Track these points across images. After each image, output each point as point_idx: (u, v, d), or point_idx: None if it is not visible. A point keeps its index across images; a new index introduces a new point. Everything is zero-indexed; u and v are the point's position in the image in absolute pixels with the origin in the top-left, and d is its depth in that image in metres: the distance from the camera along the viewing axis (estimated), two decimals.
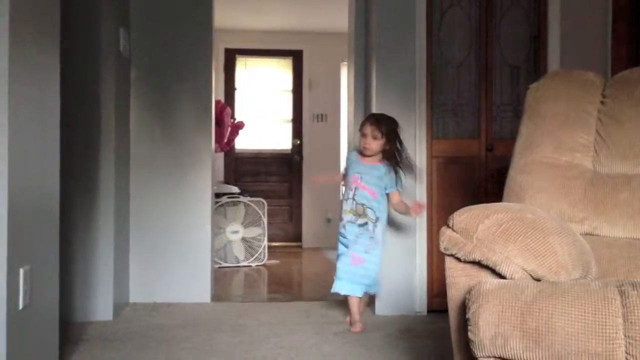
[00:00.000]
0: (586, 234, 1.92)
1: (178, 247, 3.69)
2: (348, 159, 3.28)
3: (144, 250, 3.65)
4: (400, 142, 3.15)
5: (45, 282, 2.16)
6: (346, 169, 3.25)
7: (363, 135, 3.11)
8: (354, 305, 3.10)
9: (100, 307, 3.21)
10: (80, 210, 3.19)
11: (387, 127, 3.10)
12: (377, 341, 2.87)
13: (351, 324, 3.11)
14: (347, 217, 3.15)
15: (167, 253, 3.67)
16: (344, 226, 3.17)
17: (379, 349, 2.73)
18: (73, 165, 3.15)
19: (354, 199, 3.12)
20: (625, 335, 1.23)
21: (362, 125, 3.16)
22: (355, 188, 3.12)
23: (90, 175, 3.20)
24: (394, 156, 3.13)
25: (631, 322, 1.23)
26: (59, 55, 2.27)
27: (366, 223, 3.10)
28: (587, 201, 1.96)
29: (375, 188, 3.12)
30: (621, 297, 1.27)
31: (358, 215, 3.11)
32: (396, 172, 3.13)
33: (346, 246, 3.15)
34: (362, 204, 3.12)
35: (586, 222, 1.95)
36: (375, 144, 3.10)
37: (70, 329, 2.98)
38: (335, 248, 3.30)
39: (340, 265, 3.14)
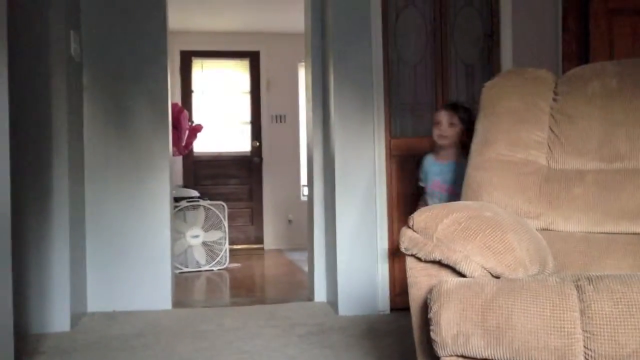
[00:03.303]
0: (542, 229, 1.95)
1: (137, 254, 3.62)
2: (423, 165, 2.96)
3: (102, 257, 3.57)
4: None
5: None
6: (424, 177, 2.98)
7: (436, 123, 2.81)
8: None
9: (56, 317, 3.13)
10: (33, 218, 3.10)
11: (464, 113, 2.78)
12: (342, 342, 2.87)
13: None
14: None
15: (125, 260, 3.60)
16: None
17: (344, 350, 2.73)
18: (25, 173, 3.06)
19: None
20: (583, 330, 1.25)
21: (436, 113, 2.90)
22: (439, 193, 2.81)
23: (44, 183, 3.12)
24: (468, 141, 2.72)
25: (588, 317, 1.25)
26: (7, 60, 2.19)
27: None
28: (542, 197, 2.00)
29: (455, 184, 2.75)
30: (578, 292, 1.30)
31: None
32: None
33: None
34: None
35: (542, 217, 1.98)
36: (451, 131, 2.77)
37: (25, 341, 2.88)
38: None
39: None
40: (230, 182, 6.98)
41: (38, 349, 2.81)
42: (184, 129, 5.55)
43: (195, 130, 5.89)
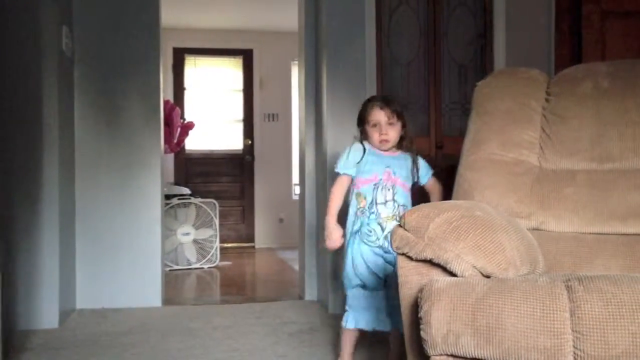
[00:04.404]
0: (533, 229, 1.95)
1: (127, 251, 3.60)
2: (355, 152, 2.36)
3: (91, 254, 3.55)
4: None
5: None
6: (350, 165, 2.36)
7: (374, 125, 2.30)
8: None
9: (45, 314, 3.11)
10: (23, 214, 3.08)
11: (398, 102, 2.36)
12: (332, 340, 2.86)
13: None
14: (389, 225, 2.27)
15: (115, 257, 3.58)
16: (386, 238, 2.27)
17: (334, 348, 2.72)
18: (14, 168, 3.04)
19: (394, 200, 2.32)
20: (572, 330, 1.25)
21: (367, 111, 2.34)
22: (393, 186, 2.32)
23: (33, 178, 3.09)
24: (409, 133, 2.39)
25: (578, 317, 1.25)
26: None
27: None
28: (533, 197, 2.00)
29: (409, 182, 2.38)
30: (568, 292, 1.29)
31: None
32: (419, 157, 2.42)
33: (392, 264, 2.28)
34: (404, 205, 2.33)
35: (533, 217, 1.98)
36: (394, 132, 2.31)
37: (13, 338, 2.86)
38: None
39: (389, 293, 2.30)
40: (221, 180, 6.96)
41: (26, 345, 2.79)
42: (175, 126, 5.53)
43: (187, 127, 5.88)
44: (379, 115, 2.30)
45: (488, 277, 1.47)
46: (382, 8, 3.60)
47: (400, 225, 1.61)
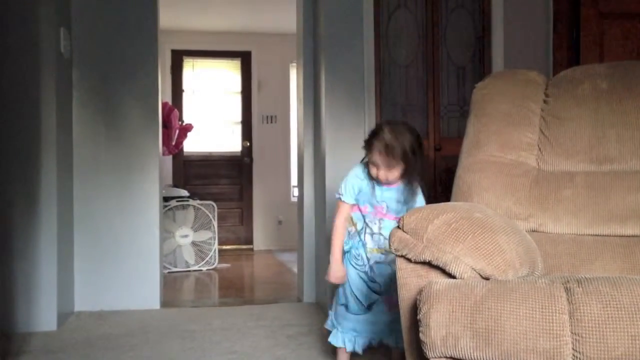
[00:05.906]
0: (532, 230, 1.95)
1: (125, 253, 3.59)
2: (356, 180, 2.40)
3: (89, 256, 3.54)
4: (421, 152, 2.33)
5: None
6: (353, 194, 2.40)
7: (374, 164, 2.30)
8: None
9: (43, 316, 3.10)
10: (21, 216, 3.07)
11: (402, 149, 2.25)
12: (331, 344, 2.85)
13: None
14: (374, 256, 2.37)
15: (113, 259, 3.57)
16: (371, 269, 2.37)
17: (333, 351, 2.71)
18: (12, 170, 3.03)
19: (380, 234, 2.37)
20: (572, 332, 1.25)
21: (372, 146, 2.29)
22: (381, 220, 2.38)
23: (31, 180, 3.09)
24: (415, 172, 2.34)
25: (577, 319, 1.25)
26: None
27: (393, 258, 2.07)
28: (532, 198, 2.00)
29: (399, 214, 2.32)
30: (567, 294, 1.29)
31: (386, 251, 2.34)
32: (420, 187, 2.38)
33: (379, 293, 2.37)
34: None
35: (532, 219, 1.98)
36: (392, 175, 2.30)
37: (11, 341, 2.85)
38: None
39: (374, 318, 2.39)
40: (220, 182, 6.95)
41: (24, 348, 2.78)
42: (174, 128, 5.53)
43: (186, 129, 5.87)
44: (379, 160, 2.27)
45: (487, 279, 1.47)
46: (381, 10, 3.61)
47: (399, 227, 1.61)
